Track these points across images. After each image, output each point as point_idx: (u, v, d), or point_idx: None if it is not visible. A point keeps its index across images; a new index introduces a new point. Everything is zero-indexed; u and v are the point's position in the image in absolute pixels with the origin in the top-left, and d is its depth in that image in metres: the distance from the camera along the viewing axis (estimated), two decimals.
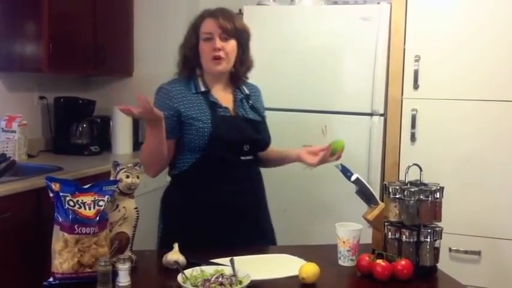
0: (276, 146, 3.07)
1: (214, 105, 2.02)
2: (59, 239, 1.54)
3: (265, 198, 2.22)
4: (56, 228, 1.55)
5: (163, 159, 1.97)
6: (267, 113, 3.08)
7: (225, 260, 1.68)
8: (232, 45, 2.02)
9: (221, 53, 1.99)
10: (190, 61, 2.07)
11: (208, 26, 2.01)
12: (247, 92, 2.15)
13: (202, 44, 2.02)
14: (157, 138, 1.88)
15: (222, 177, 2.01)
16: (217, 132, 1.96)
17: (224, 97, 2.08)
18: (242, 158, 2.03)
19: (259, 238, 2.09)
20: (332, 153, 2.09)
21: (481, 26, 2.76)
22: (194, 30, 2.05)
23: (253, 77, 3.13)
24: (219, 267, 1.61)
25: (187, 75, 2.07)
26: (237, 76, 2.13)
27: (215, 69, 2.03)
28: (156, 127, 1.85)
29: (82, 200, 1.57)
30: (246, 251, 1.82)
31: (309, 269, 1.63)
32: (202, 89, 2.04)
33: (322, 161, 2.11)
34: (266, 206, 2.22)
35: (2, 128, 3.22)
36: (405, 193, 1.75)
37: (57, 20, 3.21)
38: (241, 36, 2.05)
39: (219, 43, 1.98)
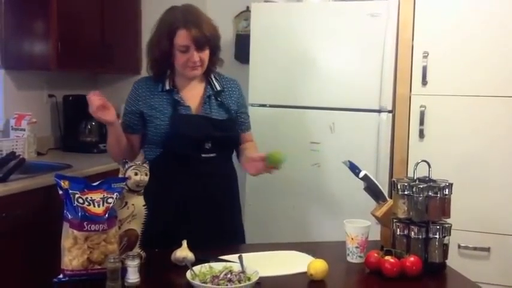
0: (282, 143, 3.09)
1: (176, 104, 2.10)
2: (69, 236, 1.55)
3: (233, 196, 2.23)
4: (66, 225, 1.56)
5: (123, 152, 2.11)
6: (276, 110, 3.14)
7: (234, 257, 1.69)
8: (206, 53, 2.09)
9: (197, 62, 2.07)
10: (160, 63, 2.13)
11: (183, 39, 2.03)
12: (218, 88, 2.18)
13: (178, 54, 2.06)
14: (114, 134, 2.07)
15: (182, 172, 2.07)
16: (174, 130, 2.04)
17: (192, 96, 2.14)
18: (203, 155, 2.07)
19: (217, 235, 2.09)
20: (269, 164, 1.99)
21: (489, 22, 2.74)
22: (168, 37, 2.06)
23: (261, 73, 3.16)
24: (228, 264, 1.61)
25: (156, 75, 2.15)
26: (208, 72, 2.18)
27: (192, 75, 2.11)
28: (111, 126, 2.03)
29: (91, 198, 1.58)
30: (255, 248, 1.82)
31: (317, 266, 1.63)
32: (167, 87, 2.12)
33: (258, 171, 2.04)
34: (234, 204, 2.24)
35: (12, 126, 3.25)
36: (414, 190, 1.74)
37: (66, 19, 3.23)
38: (212, 43, 2.10)
39: (196, 56, 2.05)
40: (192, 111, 2.11)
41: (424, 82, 2.84)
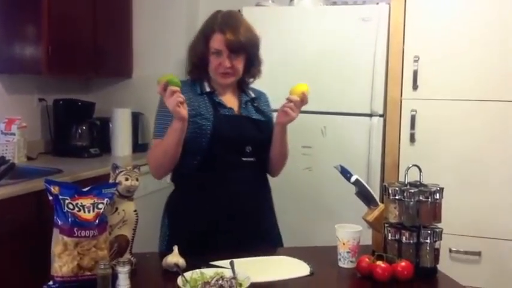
0: None
1: (218, 105, 2.04)
2: (59, 242, 1.53)
3: (269, 201, 2.21)
4: (56, 231, 1.55)
5: (175, 160, 1.96)
6: None
7: (225, 263, 1.68)
8: (240, 61, 2.04)
9: (229, 70, 2.02)
10: (197, 67, 2.09)
11: (217, 43, 1.99)
12: (253, 95, 2.17)
13: (211, 57, 2.02)
14: (178, 135, 1.88)
15: (223, 179, 2.01)
16: (219, 131, 1.97)
17: (229, 99, 2.11)
18: (244, 159, 2.02)
19: (261, 241, 2.07)
20: (296, 96, 2.02)
21: (480, 27, 2.76)
22: (204, 41, 2.04)
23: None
24: (219, 270, 1.60)
25: (194, 79, 2.10)
26: (243, 82, 2.15)
27: (223, 82, 2.06)
28: (181, 123, 1.85)
29: (81, 203, 1.56)
30: (246, 253, 1.82)
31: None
32: (208, 89, 2.07)
33: (297, 108, 2.06)
34: (271, 208, 2.22)
35: (1, 131, 3.22)
36: (405, 194, 1.74)
37: (57, 23, 3.21)
38: (248, 50, 2.05)
39: (228, 62, 2.00)
40: (234, 112, 2.07)
41: (415, 86, 2.86)
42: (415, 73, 2.85)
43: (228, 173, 2.01)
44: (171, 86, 1.81)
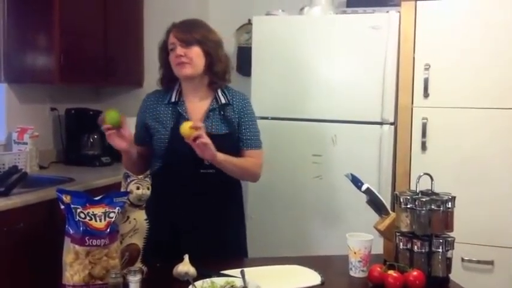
0: (284, 155, 3.09)
1: (179, 117, 2.11)
2: (70, 251, 1.54)
3: (236, 211, 2.23)
4: (67, 240, 1.55)
5: (137, 166, 2.12)
6: (278, 123, 3.14)
7: (236, 272, 1.68)
8: (195, 51, 2.10)
9: (183, 59, 2.09)
10: (165, 75, 2.20)
11: (170, 38, 2.13)
12: (223, 101, 2.16)
13: (170, 55, 2.14)
14: (127, 155, 2.11)
15: (180, 187, 2.08)
16: (173, 145, 2.06)
17: (196, 108, 2.15)
18: (202, 170, 2.07)
19: (223, 251, 2.09)
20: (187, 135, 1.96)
21: (491, 34, 2.75)
22: (163, 46, 2.17)
23: (263, 86, 3.16)
24: (230, 279, 1.60)
25: (166, 88, 2.20)
26: (212, 81, 2.18)
27: (181, 73, 2.11)
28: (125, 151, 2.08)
29: (93, 212, 1.57)
30: (257, 262, 1.82)
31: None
32: (173, 99, 2.16)
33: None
34: (235, 218, 2.23)
35: (14, 140, 3.25)
36: (416, 203, 1.73)
37: (68, 32, 3.24)
38: (202, 43, 2.11)
39: (180, 50, 2.09)
40: None
41: (426, 94, 2.84)
42: (426, 81, 2.83)
43: (187, 183, 2.08)
44: (106, 124, 1.99)
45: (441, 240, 1.72)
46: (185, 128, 1.92)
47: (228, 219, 2.18)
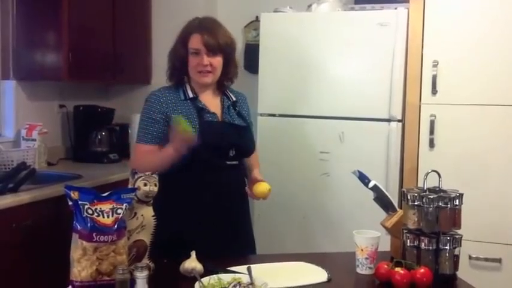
0: (292, 152, 3.09)
1: (202, 111, 2.12)
2: (78, 247, 1.55)
3: (247, 204, 2.27)
4: (75, 236, 1.56)
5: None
6: (285, 120, 3.14)
7: (242, 268, 1.68)
8: (218, 60, 2.13)
9: (208, 68, 2.11)
10: (178, 70, 2.18)
11: (195, 42, 2.11)
12: (234, 99, 2.24)
13: (190, 57, 2.13)
14: (170, 163, 1.98)
15: (208, 180, 2.09)
16: (203, 137, 2.04)
17: (212, 103, 2.18)
18: (228, 162, 2.11)
19: (238, 244, 2.14)
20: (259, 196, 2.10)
21: (499, 31, 2.73)
22: (182, 43, 2.15)
23: (270, 83, 3.16)
24: (237, 276, 1.61)
25: (176, 83, 2.19)
26: (221, 84, 2.23)
27: (202, 81, 2.14)
28: (178, 154, 1.95)
29: (100, 208, 1.58)
30: (263, 259, 1.82)
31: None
32: (191, 95, 2.15)
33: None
34: (248, 211, 2.29)
35: (23, 137, 3.27)
36: (424, 200, 1.73)
37: (77, 30, 3.25)
38: (225, 52, 2.14)
39: (206, 60, 2.10)
40: (218, 118, 2.16)
41: (434, 91, 2.83)
42: (434, 78, 2.82)
43: (213, 175, 2.09)
44: (187, 133, 1.91)
45: (448, 238, 1.72)
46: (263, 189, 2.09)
47: (242, 213, 2.23)
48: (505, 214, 2.73)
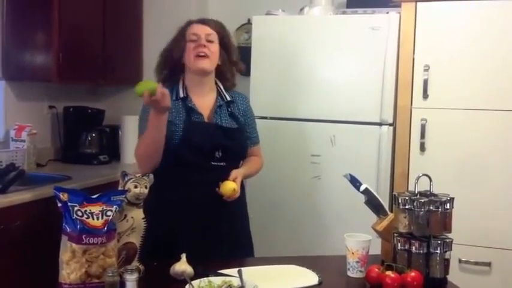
0: (283, 155, 3.09)
1: (190, 111, 2.14)
2: (67, 249, 1.54)
3: (241, 205, 2.26)
4: (64, 238, 1.55)
5: (159, 153, 2.04)
6: (277, 123, 3.13)
7: (233, 271, 1.67)
8: (216, 47, 2.19)
9: (206, 50, 2.13)
10: (173, 70, 2.22)
11: (195, 29, 2.19)
12: (228, 98, 2.24)
13: (188, 45, 2.16)
14: (159, 128, 1.98)
15: (192, 180, 2.09)
16: (187, 137, 2.07)
17: (203, 103, 2.19)
18: (213, 163, 2.11)
19: (232, 242, 2.14)
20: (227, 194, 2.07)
21: (490, 36, 2.74)
22: (181, 34, 2.21)
23: (262, 86, 3.16)
24: (227, 278, 1.60)
25: (170, 82, 2.20)
26: (224, 78, 2.26)
27: (199, 65, 2.15)
28: (163, 115, 1.94)
29: (90, 210, 1.57)
30: (254, 262, 1.81)
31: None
32: (182, 95, 2.17)
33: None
34: (242, 213, 2.28)
35: (12, 137, 3.24)
36: (415, 204, 1.73)
37: (67, 30, 3.24)
38: (223, 42, 2.22)
39: (204, 41, 2.14)
40: (204, 119, 2.16)
41: (425, 95, 2.84)
42: (425, 82, 2.83)
43: (198, 175, 2.09)
44: (153, 92, 1.85)
45: (439, 241, 1.72)
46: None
47: (235, 214, 2.21)
48: (495, 218, 2.74)
